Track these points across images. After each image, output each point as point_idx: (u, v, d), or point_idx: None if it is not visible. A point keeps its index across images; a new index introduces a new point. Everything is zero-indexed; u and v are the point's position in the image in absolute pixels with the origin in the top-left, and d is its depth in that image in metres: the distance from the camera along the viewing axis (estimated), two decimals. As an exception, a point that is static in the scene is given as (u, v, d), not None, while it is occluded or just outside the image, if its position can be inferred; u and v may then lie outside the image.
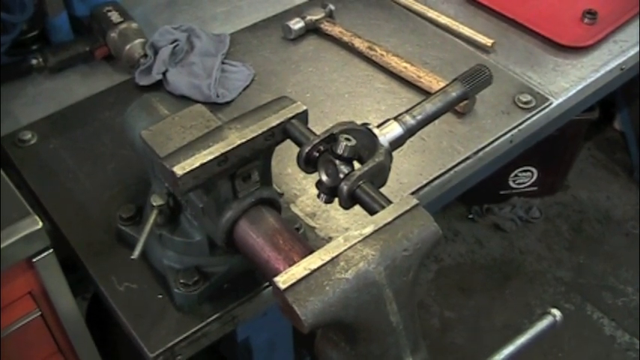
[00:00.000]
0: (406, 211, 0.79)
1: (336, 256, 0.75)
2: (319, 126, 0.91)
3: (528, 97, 1.34)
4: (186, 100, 1.31)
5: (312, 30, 1.50)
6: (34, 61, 1.36)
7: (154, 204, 0.95)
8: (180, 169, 0.82)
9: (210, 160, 0.83)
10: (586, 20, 1.54)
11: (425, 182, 1.20)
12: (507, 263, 2.42)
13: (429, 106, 0.96)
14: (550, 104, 1.35)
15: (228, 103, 1.33)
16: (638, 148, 2.66)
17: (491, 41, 1.46)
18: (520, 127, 1.31)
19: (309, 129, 0.90)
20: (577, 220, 2.56)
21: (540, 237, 2.50)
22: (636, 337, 2.20)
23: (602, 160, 2.78)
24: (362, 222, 0.78)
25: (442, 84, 1.30)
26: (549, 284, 2.35)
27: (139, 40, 1.37)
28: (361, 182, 0.83)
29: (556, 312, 0.96)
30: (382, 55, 1.40)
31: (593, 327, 2.24)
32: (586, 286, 2.35)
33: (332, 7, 1.50)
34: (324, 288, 0.72)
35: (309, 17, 1.48)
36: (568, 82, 1.40)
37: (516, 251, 2.46)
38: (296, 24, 1.47)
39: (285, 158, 1.19)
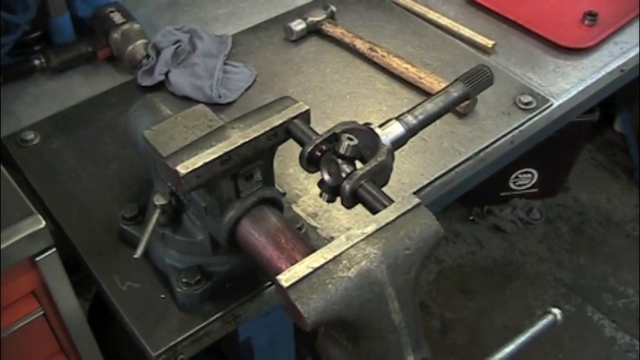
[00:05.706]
0: (408, 210, 0.80)
1: (339, 255, 0.75)
2: (321, 126, 0.92)
3: (529, 98, 1.34)
4: (188, 100, 1.31)
5: (314, 31, 1.50)
6: (36, 62, 1.37)
7: (157, 203, 0.96)
8: (183, 169, 0.82)
9: (213, 160, 0.84)
10: (586, 22, 1.54)
11: (426, 182, 1.20)
12: (508, 265, 2.42)
13: (431, 106, 0.96)
14: (551, 105, 1.35)
15: (230, 103, 1.34)
16: (639, 150, 2.66)
17: (492, 42, 1.47)
18: (521, 128, 1.31)
19: (311, 129, 0.90)
20: (577, 221, 2.56)
21: (541, 238, 2.50)
22: (636, 338, 2.20)
23: (602, 161, 2.78)
24: (363, 222, 0.79)
25: (443, 85, 1.30)
26: (550, 286, 2.35)
27: (141, 41, 1.38)
28: (363, 181, 0.83)
29: (557, 311, 0.96)
30: (383, 56, 1.41)
31: (594, 328, 2.24)
32: (586, 287, 2.35)
33: (333, 8, 1.51)
34: (327, 286, 0.73)
35: (310, 18, 1.49)
36: (569, 84, 1.40)
37: (517, 253, 2.46)
38: (297, 25, 1.48)
39: (287, 158, 1.20)
